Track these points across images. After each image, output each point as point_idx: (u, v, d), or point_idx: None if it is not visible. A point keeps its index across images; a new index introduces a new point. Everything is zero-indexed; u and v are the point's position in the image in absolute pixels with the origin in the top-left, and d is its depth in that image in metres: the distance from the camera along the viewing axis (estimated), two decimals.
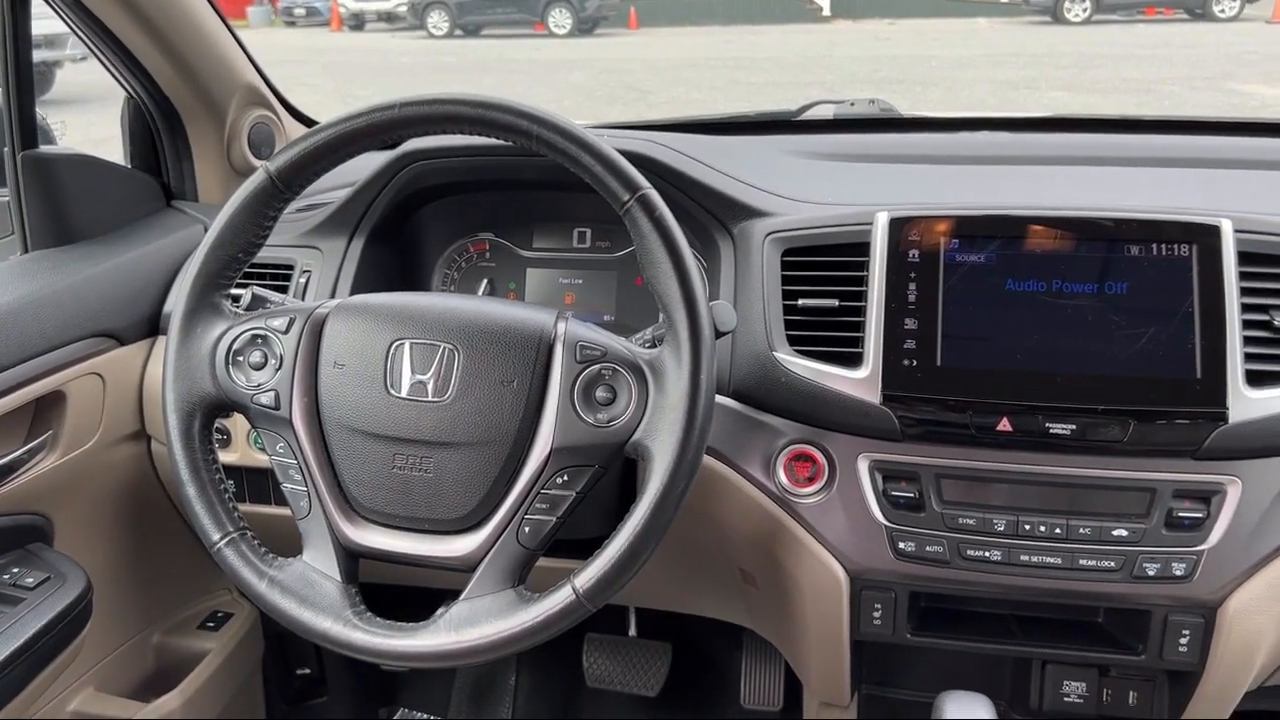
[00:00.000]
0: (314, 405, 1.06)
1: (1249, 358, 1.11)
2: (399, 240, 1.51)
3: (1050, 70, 10.42)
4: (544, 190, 1.48)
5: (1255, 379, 1.11)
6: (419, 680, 2.17)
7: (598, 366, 1.02)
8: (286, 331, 1.08)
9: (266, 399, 1.06)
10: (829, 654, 1.33)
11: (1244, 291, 1.12)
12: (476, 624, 0.99)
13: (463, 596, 1.01)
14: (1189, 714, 1.28)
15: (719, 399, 1.26)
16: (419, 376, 1.04)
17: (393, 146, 1.40)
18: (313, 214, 1.51)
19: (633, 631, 2.03)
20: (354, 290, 1.41)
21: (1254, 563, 1.14)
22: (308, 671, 2.02)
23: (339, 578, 1.04)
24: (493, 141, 1.03)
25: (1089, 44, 12.67)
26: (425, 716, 2.14)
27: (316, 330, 1.08)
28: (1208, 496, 1.14)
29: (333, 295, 1.41)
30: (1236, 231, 1.13)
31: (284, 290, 1.44)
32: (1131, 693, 1.33)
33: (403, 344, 1.05)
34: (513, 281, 1.54)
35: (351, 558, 1.06)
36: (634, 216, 0.99)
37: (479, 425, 1.02)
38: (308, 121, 1.88)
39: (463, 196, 1.50)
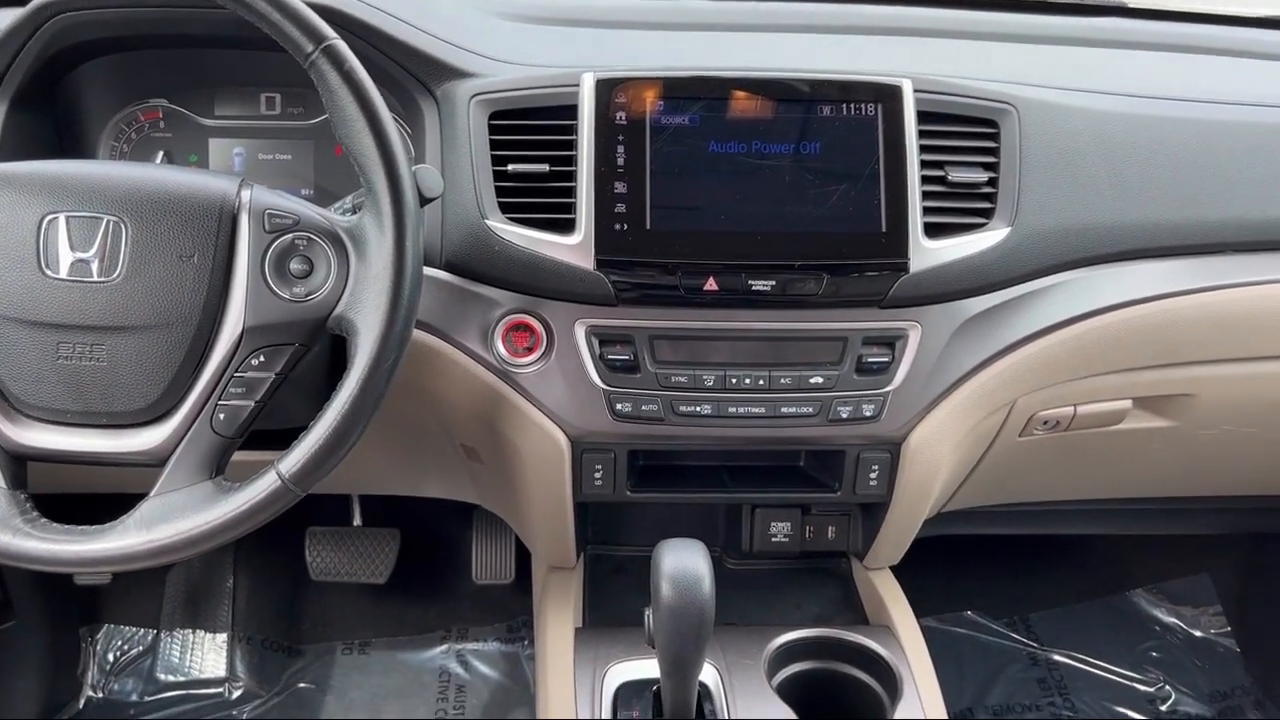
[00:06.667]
0: None
1: (927, 211, 1.19)
2: (52, 108, 1.32)
3: None
4: (223, 49, 1.33)
5: (933, 231, 1.19)
6: (124, 592, 2.02)
7: (290, 236, 0.95)
8: None
9: None
10: (554, 519, 1.35)
11: (923, 149, 1.19)
12: (170, 520, 0.91)
13: (153, 492, 0.93)
14: (879, 541, 1.41)
15: (431, 272, 1.21)
16: (80, 254, 0.92)
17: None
18: None
19: (358, 521, 1.99)
20: None
21: (931, 399, 1.25)
22: None
23: (3, 484, 0.93)
24: None
25: None
26: (135, 630, 2.00)
27: None
28: (892, 342, 1.23)
29: None
30: (916, 91, 1.19)
31: None
32: (830, 527, 1.45)
33: (57, 217, 0.92)
34: (193, 154, 1.40)
35: (17, 461, 0.95)
36: (320, 70, 0.91)
37: (156, 306, 0.93)
38: None
39: (126, 56, 1.32)
